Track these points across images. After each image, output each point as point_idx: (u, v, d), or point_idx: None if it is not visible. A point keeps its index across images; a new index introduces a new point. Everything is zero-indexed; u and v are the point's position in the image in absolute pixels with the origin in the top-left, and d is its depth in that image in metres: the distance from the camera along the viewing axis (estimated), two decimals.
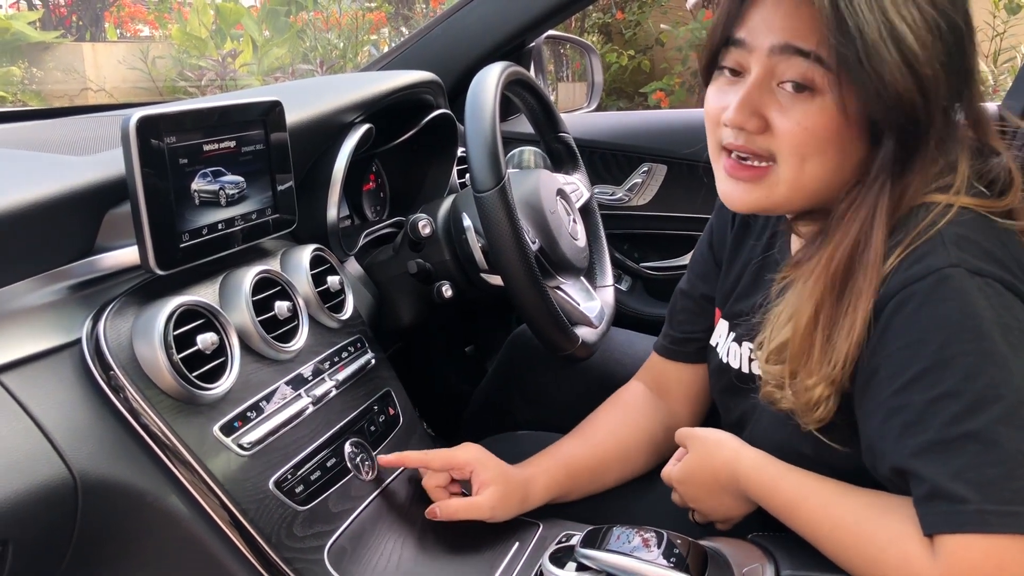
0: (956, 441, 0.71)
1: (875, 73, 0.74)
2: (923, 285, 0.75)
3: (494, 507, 1.00)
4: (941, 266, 0.75)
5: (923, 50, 0.75)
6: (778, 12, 0.79)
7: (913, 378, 0.74)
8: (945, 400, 0.72)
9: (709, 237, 1.13)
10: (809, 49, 0.77)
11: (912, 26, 0.74)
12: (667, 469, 1.01)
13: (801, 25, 0.77)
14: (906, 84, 0.75)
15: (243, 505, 0.84)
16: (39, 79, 6.35)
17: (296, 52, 6.41)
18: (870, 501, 0.80)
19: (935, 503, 0.72)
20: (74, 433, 0.77)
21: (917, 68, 0.75)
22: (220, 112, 0.94)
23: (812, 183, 0.83)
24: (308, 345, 1.01)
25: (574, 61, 3.32)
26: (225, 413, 0.88)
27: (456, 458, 1.03)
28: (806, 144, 0.80)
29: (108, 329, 0.83)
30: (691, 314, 1.13)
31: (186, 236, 0.90)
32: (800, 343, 0.83)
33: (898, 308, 0.76)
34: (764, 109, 0.81)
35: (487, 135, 1.09)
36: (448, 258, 1.23)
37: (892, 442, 0.76)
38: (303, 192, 1.14)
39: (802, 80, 0.78)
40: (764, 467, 0.89)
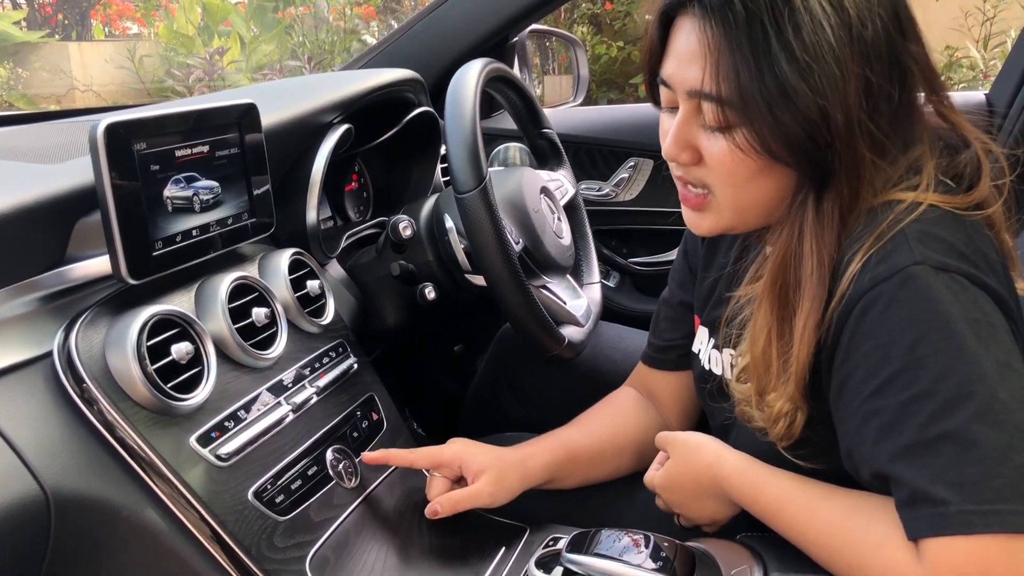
0: (933, 442, 0.70)
1: (766, 111, 0.76)
2: (888, 286, 0.74)
3: (493, 492, 1.00)
4: (905, 264, 0.74)
5: (809, 79, 0.75)
6: (684, 59, 0.81)
7: (885, 381, 0.73)
8: (919, 401, 0.71)
9: (684, 245, 1.14)
10: (715, 93, 0.78)
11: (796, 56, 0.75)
12: (649, 475, 1.00)
13: (706, 70, 0.78)
14: (794, 118, 0.76)
15: (222, 517, 0.83)
16: (25, 80, 6.32)
17: (284, 48, 6.38)
18: (854, 504, 0.79)
19: (917, 507, 0.71)
20: (46, 448, 0.76)
21: (801, 101, 0.75)
22: (193, 116, 0.92)
23: (755, 206, 0.85)
24: (288, 351, 1.00)
25: (560, 54, 3.31)
26: (202, 424, 0.86)
27: (442, 455, 1.02)
28: (734, 174, 0.82)
29: (80, 341, 0.81)
30: (672, 322, 1.14)
31: (159, 244, 0.88)
32: (758, 363, 0.84)
33: (865, 310, 0.75)
34: (695, 140, 0.84)
35: (467, 135, 1.07)
36: (431, 259, 1.22)
37: (869, 447, 0.75)
38: (282, 195, 1.13)
39: (715, 123, 0.80)
40: (746, 471, 0.88)
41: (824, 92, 0.75)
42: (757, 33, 0.75)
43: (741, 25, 0.76)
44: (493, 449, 1.04)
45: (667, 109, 0.87)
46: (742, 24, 0.76)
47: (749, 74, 0.76)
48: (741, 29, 0.76)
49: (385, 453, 1.02)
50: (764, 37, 0.75)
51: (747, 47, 0.76)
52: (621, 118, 1.93)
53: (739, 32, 0.76)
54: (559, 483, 1.08)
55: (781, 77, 0.75)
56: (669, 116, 0.86)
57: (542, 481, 1.05)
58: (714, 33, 0.77)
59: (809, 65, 0.75)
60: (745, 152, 0.79)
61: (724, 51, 0.77)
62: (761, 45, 0.75)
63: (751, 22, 0.75)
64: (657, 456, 1.01)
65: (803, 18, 0.75)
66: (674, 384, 1.14)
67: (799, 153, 0.77)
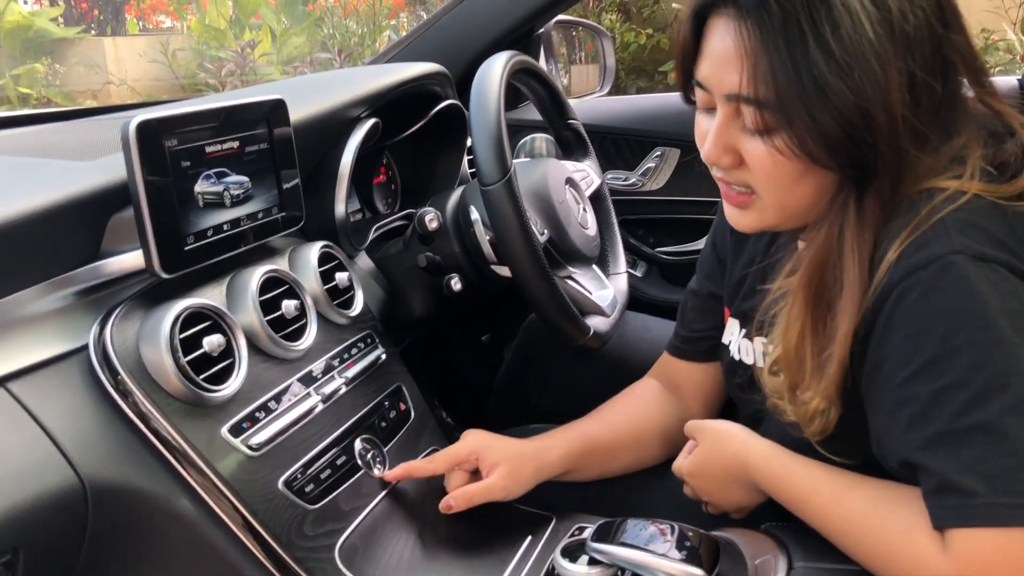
0: (964, 433, 0.70)
1: (805, 114, 0.74)
2: (926, 273, 0.73)
3: (507, 485, 1.01)
4: (943, 253, 0.73)
5: (848, 79, 0.73)
6: (720, 61, 0.79)
7: (919, 369, 0.73)
8: (952, 391, 0.71)
9: (712, 237, 1.13)
10: (753, 96, 0.77)
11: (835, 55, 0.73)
12: (678, 462, 1.00)
13: (743, 73, 0.77)
14: (834, 119, 0.74)
15: (253, 506, 0.85)
16: (62, 75, 6.41)
17: (315, 40, 6.41)
18: (881, 493, 0.79)
19: (944, 496, 0.71)
20: (83, 439, 0.78)
21: (841, 102, 0.74)
22: (222, 113, 0.94)
23: (800, 205, 0.83)
24: (317, 343, 1.01)
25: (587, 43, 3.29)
26: (233, 414, 0.88)
27: (458, 453, 1.03)
28: (778, 177, 0.80)
29: (115, 334, 0.83)
30: (700, 313, 1.13)
31: (191, 239, 0.90)
32: (791, 358, 0.83)
33: (901, 297, 0.75)
34: (735, 143, 0.82)
35: (492, 128, 1.08)
36: (457, 250, 1.23)
37: (899, 435, 0.75)
38: (311, 189, 1.14)
39: (754, 126, 0.79)
40: (773, 459, 0.88)
41: (864, 92, 0.73)
42: (794, 33, 0.73)
43: (777, 25, 0.74)
44: (509, 441, 1.05)
45: (703, 109, 0.86)
46: (778, 24, 0.73)
47: (787, 76, 0.74)
48: (777, 29, 0.74)
49: (406, 467, 1.03)
50: (801, 37, 0.73)
51: (784, 48, 0.73)
52: (647, 107, 1.92)
53: (775, 32, 0.74)
54: (576, 475, 1.09)
55: (819, 78, 0.73)
56: (706, 117, 0.85)
57: (558, 473, 1.06)
58: (750, 35, 0.75)
59: (848, 64, 0.73)
60: (786, 156, 0.77)
61: (761, 53, 0.75)
62: (798, 45, 0.73)
63: (787, 22, 0.73)
64: (687, 445, 1.01)
65: (841, 15, 0.73)
66: (699, 375, 1.14)
67: (840, 155, 0.76)
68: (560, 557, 0.89)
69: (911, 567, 0.74)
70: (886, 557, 0.76)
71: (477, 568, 0.95)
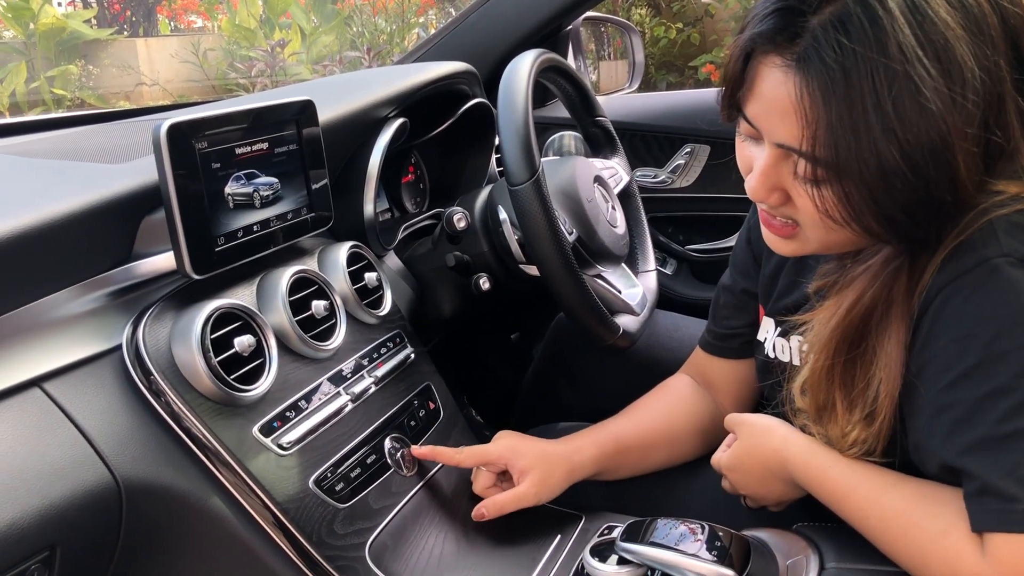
0: (1007, 439, 0.69)
1: (865, 191, 0.71)
2: (972, 277, 0.72)
3: (538, 492, 1.00)
4: (990, 257, 0.72)
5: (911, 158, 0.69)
6: (774, 109, 0.75)
7: (962, 374, 0.72)
8: (996, 397, 0.70)
9: (747, 233, 1.11)
10: (810, 153, 0.73)
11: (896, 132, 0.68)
12: (717, 456, 1.00)
13: (800, 130, 0.72)
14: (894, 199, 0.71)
15: (284, 505, 0.85)
16: (95, 76, 6.49)
17: (344, 39, 6.44)
18: (920, 492, 0.78)
19: (986, 500, 0.70)
20: (117, 438, 0.79)
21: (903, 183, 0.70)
22: (252, 115, 0.94)
23: (845, 245, 0.81)
24: (346, 342, 1.02)
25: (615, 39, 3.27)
26: (264, 414, 0.89)
27: (488, 454, 1.03)
28: (824, 223, 0.77)
29: (147, 334, 0.84)
30: (734, 309, 1.12)
31: (221, 240, 0.91)
32: (818, 392, 0.83)
33: (946, 301, 0.74)
34: (782, 183, 0.79)
35: (519, 127, 1.08)
36: (486, 250, 1.23)
37: (941, 439, 0.74)
38: (339, 189, 1.15)
39: (806, 175, 0.75)
40: (813, 455, 0.87)
41: (928, 173, 0.69)
42: (856, 103, 0.68)
43: (841, 92, 0.69)
44: (539, 445, 1.04)
45: (745, 137, 0.82)
46: (842, 90, 0.69)
47: (847, 147, 0.69)
48: (840, 97, 0.69)
49: (433, 450, 1.03)
50: (863, 108, 0.68)
51: (847, 117, 0.69)
52: (677, 104, 1.91)
53: (838, 99, 0.69)
54: (609, 475, 1.09)
55: (881, 156, 0.69)
56: (751, 144, 0.81)
57: (590, 475, 1.06)
58: (811, 97, 0.70)
59: (911, 144, 0.68)
60: (832, 215, 0.74)
61: (822, 118, 0.70)
62: (860, 116, 0.68)
63: (850, 89, 0.68)
64: (726, 439, 1.00)
65: (904, 87, 0.67)
66: (732, 372, 1.13)
67: (898, 232, 0.74)
68: (589, 556, 0.88)
69: (948, 568, 0.73)
70: (923, 556, 0.75)
71: (506, 567, 0.95)
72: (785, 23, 0.72)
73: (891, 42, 0.67)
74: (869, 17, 0.68)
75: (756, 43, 0.75)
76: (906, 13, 0.68)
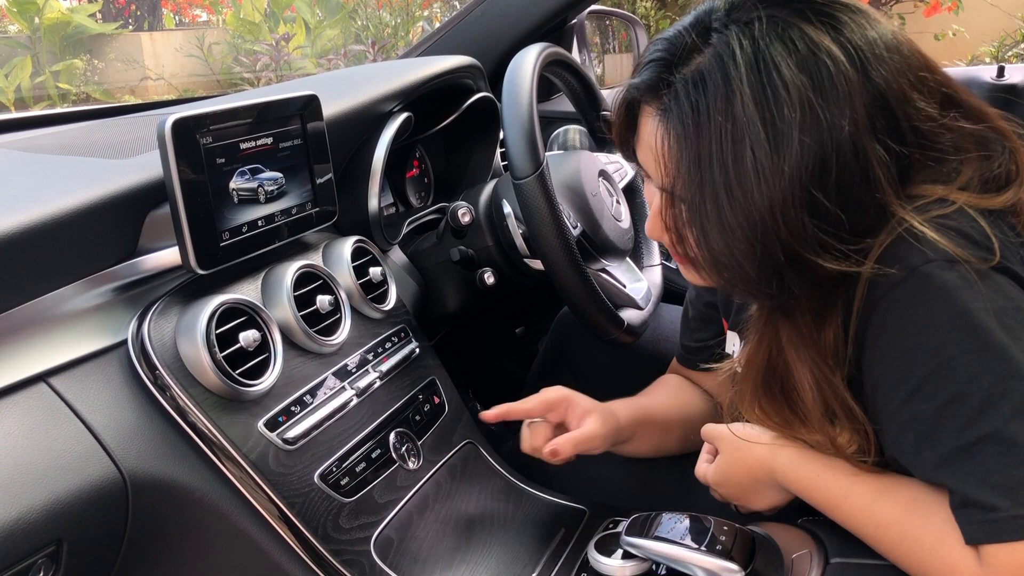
0: (974, 447, 0.68)
1: (713, 244, 0.76)
2: (904, 288, 0.72)
3: (603, 433, 1.02)
4: (917, 264, 0.71)
5: (746, 217, 0.73)
6: (648, 154, 0.80)
7: (915, 388, 0.72)
8: (953, 405, 0.69)
9: None
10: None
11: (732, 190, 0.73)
12: (700, 469, 0.98)
13: (663, 171, 0.78)
14: (736, 254, 0.76)
15: (289, 499, 0.86)
16: (100, 71, 6.49)
17: (348, 33, 6.43)
18: (912, 498, 0.77)
19: (969, 512, 0.69)
20: (122, 433, 0.79)
21: (739, 240, 0.74)
22: (256, 110, 0.94)
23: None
24: (351, 337, 1.02)
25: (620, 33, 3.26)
26: (269, 408, 0.89)
27: (551, 398, 1.05)
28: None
29: (152, 329, 0.85)
30: (701, 322, 1.13)
31: (226, 235, 0.91)
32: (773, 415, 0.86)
33: (885, 314, 0.73)
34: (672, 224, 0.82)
35: (524, 121, 1.08)
36: (490, 244, 1.23)
37: (912, 456, 0.74)
38: (344, 184, 1.15)
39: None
40: (801, 465, 0.86)
41: (761, 230, 0.73)
42: (704, 154, 0.74)
43: (691, 143, 0.75)
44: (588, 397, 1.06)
45: (648, 179, 0.86)
46: (692, 141, 0.75)
47: (695, 198, 0.76)
48: (691, 147, 0.75)
49: (506, 408, 1.04)
50: (708, 160, 0.74)
51: (695, 168, 0.75)
52: None
53: (689, 150, 0.75)
54: (635, 444, 1.09)
55: (721, 209, 0.74)
56: (649, 184, 0.86)
57: (627, 436, 1.07)
58: (669, 144, 0.76)
59: (743, 198, 0.73)
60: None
61: (680, 164, 0.76)
62: (707, 168, 0.74)
63: (699, 141, 0.74)
64: (704, 447, 0.99)
65: (739, 145, 0.72)
66: (713, 379, 1.14)
67: (742, 284, 0.77)
68: (594, 551, 0.89)
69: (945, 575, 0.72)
70: (920, 564, 0.75)
71: (511, 561, 0.95)
72: (656, 76, 0.78)
73: (736, 103, 0.72)
74: (723, 75, 0.73)
75: (633, 93, 0.82)
76: (751, 73, 0.72)
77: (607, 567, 0.87)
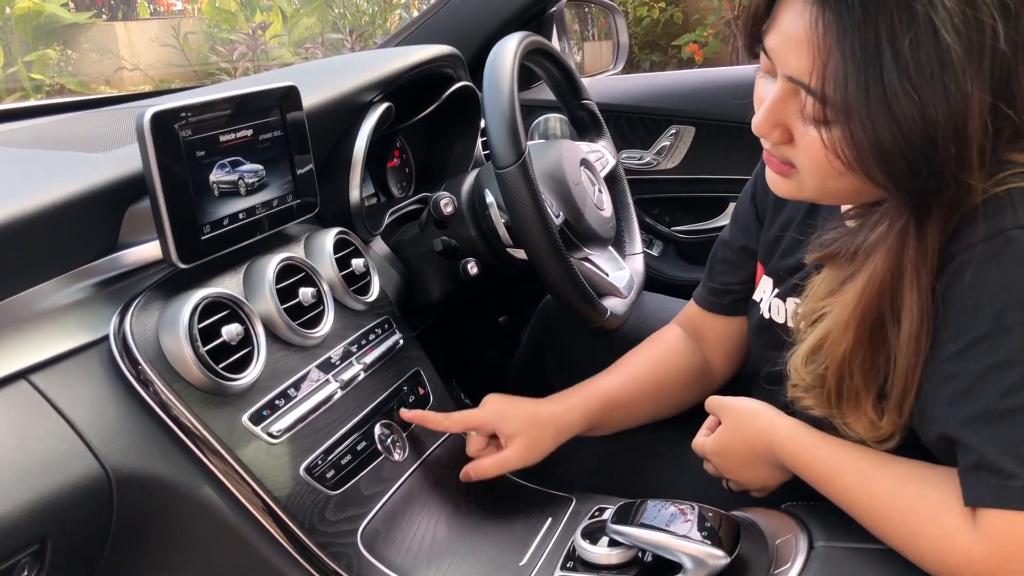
0: (1009, 414, 0.69)
1: (870, 130, 0.69)
2: (985, 247, 0.71)
3: (522, 457, 1.02)
4: (1006, 228, 0.71)
5: (922, 105, 0.66)
6: (790, 40, 0.73)
7: (969, 344, 0.72)
8: (1000, 370, 0.70)
9: (753, 189, 1.09)
10: (819, 91, 0.71)
11: (910, 75, 0.66)
12: (699, 440, 1.00)
13: (812, 65, 0.70)
14: (899, 144, 0.68)
15: (275, 493, 0.85)
16: (74, 61, 6.41)
17: (326, 21, 6.38)
18: (909, 471, 0.78)
19: (981, 475, 0.70)
20: (105, 429, 0.79)
21: (909, 128, 0.68)
22: (235, 101, 0.93)
23: (840, 195, 0.80)
24: (335, 329, 1.01)
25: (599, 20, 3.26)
26: (254, 402, 0.89)
27: (475, 418, 1.05)
28: (823, 168, 0.75)
29: (134, 324, 0.84)
30: (730, 265, 1.11)
31: (207, 228, 0.90)
32: (832, 390, 0.82)
33: (958, 270, 0.73)
34: (787, 121, 0.77)
35: (505, 111, 1.08)
36: (473, 234, 1.23)
37: (943, 408, 0.74)
38: (325, 175, 1.14)
39: (813, 115, 0.73)
40: (800, 437, 0.87)
41: (935, 117, 0.67)
42: (869, 39, 0.66)
43: (856, 25, 0.67)
44: (526, 407, 1.05)
45: (764, 74, 0.80)
46: (857, 24, 0.67)
47: (856, 84, 0.67)
48: (856, 30, 0.67)
49: (420, 414, 1.04)
50: (877, 44, 0.66)
51: (859, 53, 0.67)
52: (661, 86, 1.91)
53: (852, 33, 0.67)
54: (597, 432, 1.10)
55: (889, 93, 0.66)
56: (766, 81, 0.79)
57: (579, 433, 1.07)
58: (826, 28, 0.68)
59: (922, 84, 0.66)
60: (839, 156, 0.72)
61: (834, 51, 0.68)
62: (873, 54, 0.66)
63: (867, 24, 0.66)
64: (706, 421, 1.01)
65: (924, 31, 0.65)
66: (724, 328, 1.14)
67: (899, 181, 0.71)
68: (580, 539, 0.89)
69: (939, 546, 0.73)
70: (913, 535, 0.75)
71: (498, 550, 0.96)
72: None
73: None
74: None
75: None
76: None
77: (593, 555, 0.87)
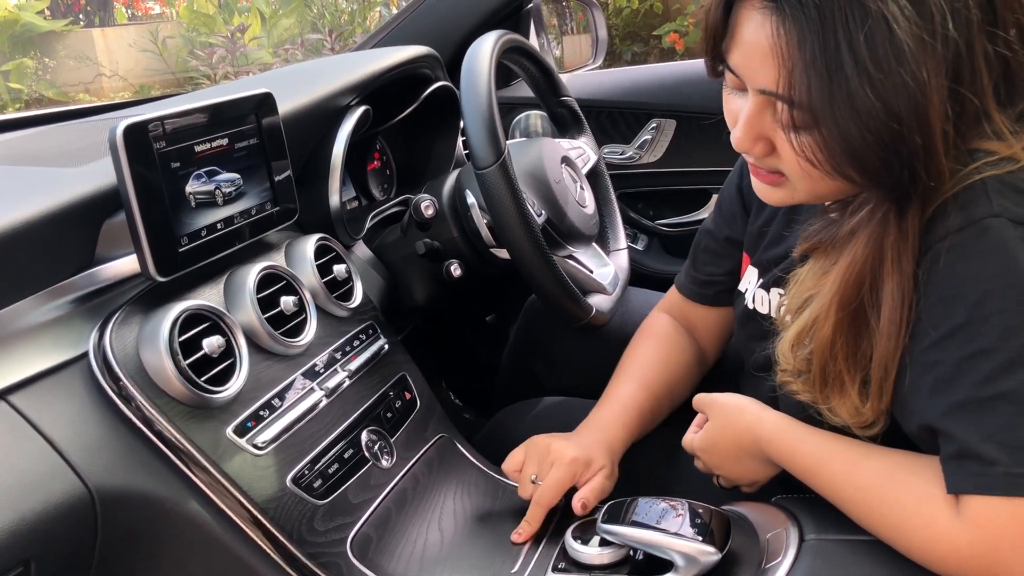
0: (989, 401, 0.69)
1: (836, 131, 0.70)
2: (961, 236, 0.71)
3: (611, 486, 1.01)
4: (981, 216, 0.71)
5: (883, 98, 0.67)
6: (754, 55, 0.73)
7: (947, 334, 0.72)
8: (979, 358, 0.70)
9: (739, 180, 1.08)
10: (787, 97, 0.71)
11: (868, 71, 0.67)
12: (688, 437, 1.00)
13: (779, 73, 0.71)
14: (866, 139, 0.69)
15: (262, 504, 0.85)
16: (52, 69, 6.37)
17: (305, 21, 6.35)
18: (895, 462, 0.78)
19: (964, 463, 0.70)
20: (87, 447, 0.78)
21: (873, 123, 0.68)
22: (210, 111, 0.93)
23: (832, 195, 0.81)
24: (318, 337, 1.01)
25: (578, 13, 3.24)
26: (237, 414, 0.88)
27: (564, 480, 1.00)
28: (809, 172, 0.76)
29: (114, 340, 0.83)
30: (715, 255, 1.11)
31: (184, 240, 0.89)
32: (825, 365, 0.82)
33: (935, 260, 0.73)
34: (767, 132, 0.77)
35: (483, 111, 1.07)
36: (456, 235, 1.23)
37: (924, 399, 0.74)
38: (304, 181, 1.13)
39: (787, 122, 0.73)
40: (786, 430, 0.88)
41: (896, 108, 0.68)
42: (829, 41, 0.67)
43: (815, 30, 0.68)
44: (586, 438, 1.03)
45: (731, 89, 0.81)
46: (816, 29, 0.68)
47: (821, 88, 0.68)
48: (814, 35, 0.68)
49: (530, 524, 0.98)
50: (836, 46, 0.67)
51: (820, 57, 0.68)
52: (641, 79, 1.90)
53: (812, 38, 0.68)
54: None
55: (853, 95, 0.68)
56: (735, 96, 0.80)
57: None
58: (788, 37, 0.69)
59: (880, 78, 0.67)
60: (811, 161, 0.73)
61: (797, 57, 0.69)
62: (833, 56, 0.67)
63: (824, 27, 0.67)
64: (695, 419, 1.01)
65: (877, 26, 0.66)
66: (714, 318, 1.14)
67: (872, 175, 0.72)
68: (571, 539, 0.89)
69: (924, 534, 0.73)
70: (899, 525, 0.76)
71: (490, 552, 0.95)
72: None
73: None
74: None
75: None
76: None
77: (584, 555, 0.87)
